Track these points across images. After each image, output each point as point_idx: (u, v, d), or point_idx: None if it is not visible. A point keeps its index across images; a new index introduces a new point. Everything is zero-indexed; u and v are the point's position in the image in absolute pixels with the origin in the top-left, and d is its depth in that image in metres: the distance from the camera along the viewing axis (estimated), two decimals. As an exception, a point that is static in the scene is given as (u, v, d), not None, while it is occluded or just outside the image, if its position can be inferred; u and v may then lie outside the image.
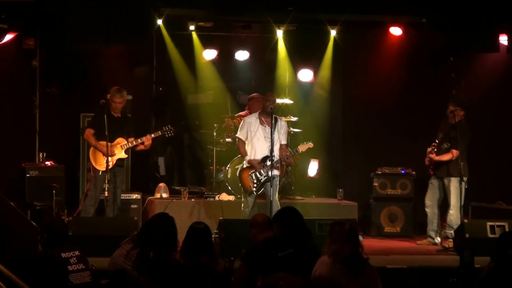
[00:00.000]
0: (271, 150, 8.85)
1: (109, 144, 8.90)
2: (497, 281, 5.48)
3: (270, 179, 8.84)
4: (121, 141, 9.16)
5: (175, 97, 12.10)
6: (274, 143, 8.93)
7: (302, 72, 12.06)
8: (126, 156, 9.41)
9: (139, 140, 9.18)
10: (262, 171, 9.02)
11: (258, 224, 6.14)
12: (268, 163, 8.90)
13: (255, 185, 9.06)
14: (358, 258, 5.49)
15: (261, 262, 5.66)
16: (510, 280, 5.49)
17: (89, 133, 9.22)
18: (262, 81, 12.03)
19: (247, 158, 9.14)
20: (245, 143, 9.24)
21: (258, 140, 9.12)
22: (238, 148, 9.51)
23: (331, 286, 4.54)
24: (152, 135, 9.29)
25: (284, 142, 9.21)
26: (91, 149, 9.21)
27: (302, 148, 9.31)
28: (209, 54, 11.58)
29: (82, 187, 10.41)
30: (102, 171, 9.04)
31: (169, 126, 9.46)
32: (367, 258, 5.57)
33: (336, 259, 5.42)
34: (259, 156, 9.08)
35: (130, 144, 9.20)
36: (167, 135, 9.50)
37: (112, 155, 8.99)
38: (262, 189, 9.08)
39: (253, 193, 9.10)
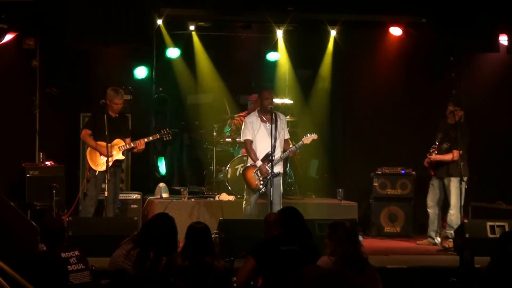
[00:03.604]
0: (273, 147, 8.85)
1: (108, 144, 8.91)
2: (498, 279, 5.46)
3: (275, 175, 8.83)
4: (118, 142, 9.12)
5: (175, 97, 12.10)
6: (277, 139, 8.92)
7: (301, 72, 12.07)
8: (124, 157, 9.36)
9: (134, 144, 9.16)
10: (267, 168, 9.00)
11: (269, 223, 6.23)
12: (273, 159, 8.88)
13: (261, 181, 9.03)
14: (358, 258, 5.49)
15: (267, 256, 5.71)
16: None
17: (86, 133, 9.17)
18: (262, 81, 12.03)
19: (259, 163, 9.02)
20: (252, 143, 9.15)
21: (261, 137, 9.07)
22: (247, 152, 9.28)
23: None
24: (151, 138, 9.25)
25: (287, 136, 9.24)
26: (88, 149, 9.17)
27: (307, 140, 9.23)
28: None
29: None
30: (100, 171, 9.05)
31: (167, 129, 9.39)
32: (366, 257, 5.57)
33: (336, 259, 5.42)
34: (263, 153, 9.05)
35: (127, 146, 9.17)
36: (165, 139, 9.43)
37: (110, 155, 8.95)
38: (265, 188, 9.07)
39: (259, 190, 9.03)
